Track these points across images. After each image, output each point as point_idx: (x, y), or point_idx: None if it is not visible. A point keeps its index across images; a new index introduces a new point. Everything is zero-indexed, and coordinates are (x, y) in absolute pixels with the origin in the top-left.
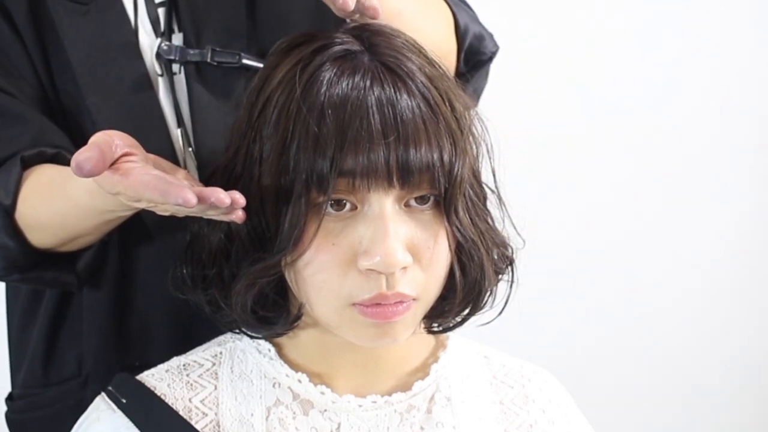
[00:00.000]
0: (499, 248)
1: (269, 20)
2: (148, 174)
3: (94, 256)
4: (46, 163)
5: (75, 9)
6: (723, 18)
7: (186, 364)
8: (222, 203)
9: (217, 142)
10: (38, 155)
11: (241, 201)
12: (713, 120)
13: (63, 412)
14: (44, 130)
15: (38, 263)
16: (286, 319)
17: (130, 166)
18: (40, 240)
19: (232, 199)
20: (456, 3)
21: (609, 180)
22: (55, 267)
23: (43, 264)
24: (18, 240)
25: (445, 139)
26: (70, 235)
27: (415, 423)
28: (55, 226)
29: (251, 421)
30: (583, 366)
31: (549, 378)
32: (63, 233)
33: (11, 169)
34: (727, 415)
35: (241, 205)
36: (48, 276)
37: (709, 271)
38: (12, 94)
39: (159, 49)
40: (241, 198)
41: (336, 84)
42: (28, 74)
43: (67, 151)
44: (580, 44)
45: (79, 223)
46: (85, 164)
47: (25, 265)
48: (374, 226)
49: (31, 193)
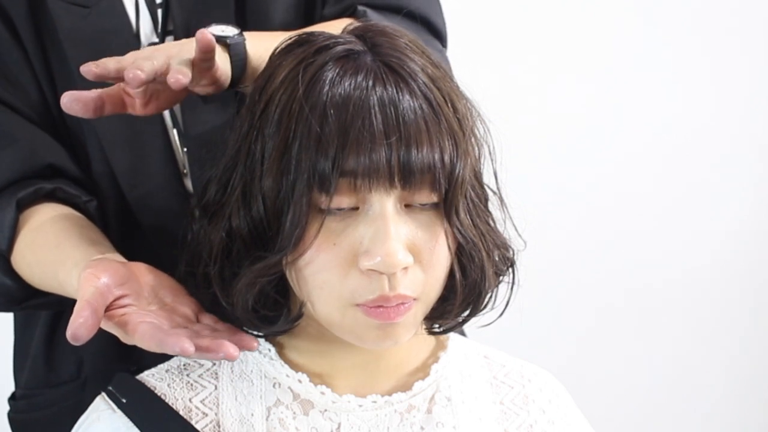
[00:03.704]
0: (500, 250)
1: (256, 21)
2: (144, 323)
3: None
4: (44, 202)
5: (76, 12)
6: (724, 18)
7: (186, 364)
8: (232, 358)
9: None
10: (35, 193)
11: (254, 345)
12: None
13: (62, 413)
14: (36, 149)
15: (37, 293)
16: (286, 318)
17: (126, 313)
18: (37, 285)
19: (242, 346)
20: None
21: (610, 182)
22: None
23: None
24: (15, 279)
25: (446, 140)
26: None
27: (415, 423)
28: (47, 289)
29: (251, 421)
30: (583, 366)
31: (549, 378)
32: (56, 293)
33: (6, 211)
34: (728, 415)
35: (254, 348)
36: (49, 300)
37: (710, 272)
38: (8, 103)
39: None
40: (252, 341)
41: (338, 84)
42: (27, 80)
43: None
44: (582, 46)
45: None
46: (80, 333)
47: (24, 297)
48: (375, 227)
49: (27, 250)
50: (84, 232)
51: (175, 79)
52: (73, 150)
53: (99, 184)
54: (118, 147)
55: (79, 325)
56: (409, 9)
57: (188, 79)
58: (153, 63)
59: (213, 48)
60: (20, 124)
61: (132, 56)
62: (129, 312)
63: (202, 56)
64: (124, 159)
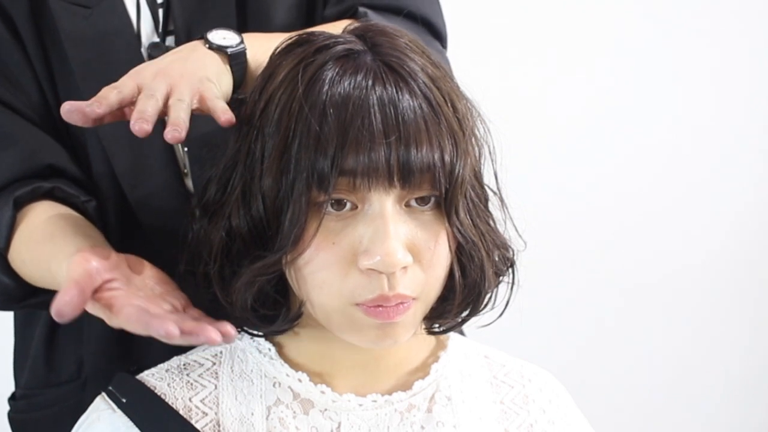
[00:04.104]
0: (500, 250)
1: (257, 21)
2: (130, 306)
3: None
4: (42, 201)
5: (78, 12)
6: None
7: (186, 364)
8: (213, 342)
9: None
10: (32, 192)
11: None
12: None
13: (62, 413)
14: (36, 149)
15: (35, 291)
16: (286, 318)
17: (113, 296)
18: (34, 282)
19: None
20: None
21: (610, 182)
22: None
23: (41, 290)
24: (13, 277)
25: (446, 139)
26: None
27: (415, 422)
28: (43, 284)
29: (251, 421)
30: (583, 366)
31: (549, 378)
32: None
33: (3, 210)
34: (728, 415)
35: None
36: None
37: (710, 272)
38: (9, 104)
39: (149, 49)
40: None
41: (338, 83)
42: (28, 81)
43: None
44: (583, 47)
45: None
46: (64, 310)
47: (23, 296)
48: (374, 226)
49: (23, 247)
50: (79, 229)
51: (172, 136)
52: (74, 150)
53: (100, 184)
54: (118, 147)
55: (65, 303)
56: (410, 10)
57: (184, 133)
58: (157, 102)
59: (233, 122)
60: (20, 125)
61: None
62: (116, 295)
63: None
64: (125, 159)
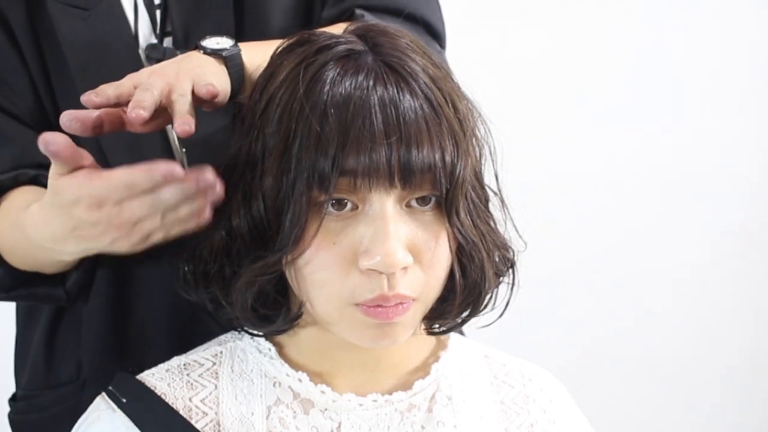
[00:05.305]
0: (501, 250)
1: (254, 23)
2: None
3: (83, 274)
4: (25, 186)
5: (76, 14)
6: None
7: (186, 364)
8: (207, 183)
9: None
10: (15, 179)
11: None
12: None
13: (62, 413)
14: (27, 148)
15: (25, 281)
16: (286, 317)
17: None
18: (18, 264)
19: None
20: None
21: (611, 183)
22: (45, 284)
23: (32, 281)
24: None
25: (447, 140)
26: (35, 267)
27: (415, 422)
28: (19, 256)
29: (251, 420)
30: (583, 366)
31: (550, 378)
32: (29, 263)
33: None
34: (728, 415)
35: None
36: (37, 292)
37: (710, 272)
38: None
39: (147, 50)
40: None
41: (339, 83)
42: (24, 85)
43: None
44: (583, 48)
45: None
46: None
47: (11, 284)
48: (375, 226)
49: (2, 220)
50: None
51: (182, 130)
52: None
53: None
54: (116, 149)
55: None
56: (409, 11)
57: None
58: (154, 95)
59: (217, 94)
60: (14, 127)
61: (130, 81)
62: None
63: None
64: (123, 161)
